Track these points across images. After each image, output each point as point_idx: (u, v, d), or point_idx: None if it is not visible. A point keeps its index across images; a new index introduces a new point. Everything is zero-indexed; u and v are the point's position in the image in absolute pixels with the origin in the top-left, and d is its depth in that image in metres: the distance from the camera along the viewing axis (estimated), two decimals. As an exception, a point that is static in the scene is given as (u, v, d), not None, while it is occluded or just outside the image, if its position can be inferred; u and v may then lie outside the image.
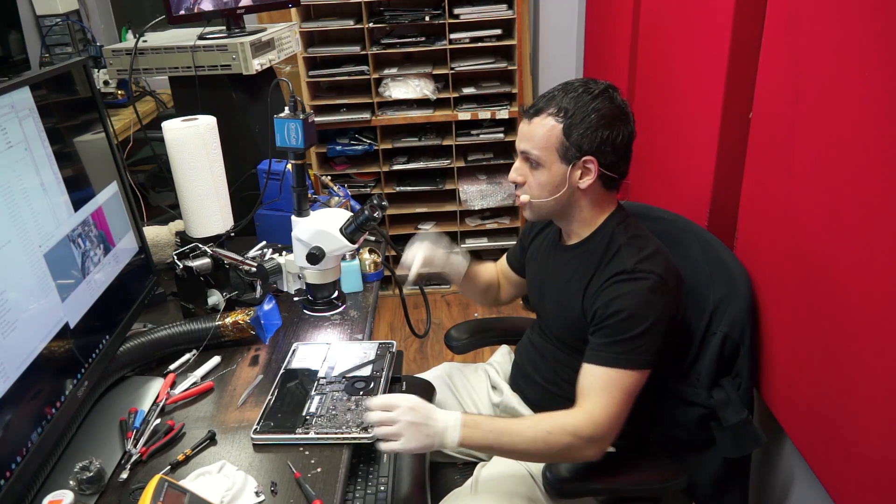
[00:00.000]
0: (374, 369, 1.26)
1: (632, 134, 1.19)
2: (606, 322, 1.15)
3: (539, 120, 1.18)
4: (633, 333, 1.13)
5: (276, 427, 1.12)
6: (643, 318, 1.13)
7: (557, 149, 1.17)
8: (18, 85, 1.02)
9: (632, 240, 1.20)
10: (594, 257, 1.22)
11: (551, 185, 1.20)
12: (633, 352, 1.13)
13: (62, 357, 1.05)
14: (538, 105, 1.20)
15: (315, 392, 1.20)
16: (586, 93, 1.17)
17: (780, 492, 1.35)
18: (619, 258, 1.18)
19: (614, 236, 1.22)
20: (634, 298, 1.14)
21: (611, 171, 1.19)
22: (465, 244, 3.23)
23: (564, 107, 1.17)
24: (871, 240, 0.93)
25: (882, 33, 0.89)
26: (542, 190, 1.21)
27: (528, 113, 1.21)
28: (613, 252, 1.20)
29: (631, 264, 1.16)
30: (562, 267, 1.29)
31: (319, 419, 1.14)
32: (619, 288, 1.15)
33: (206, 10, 1.83)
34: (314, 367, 1.27)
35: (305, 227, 1.27)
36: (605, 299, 1.16)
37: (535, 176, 1.21)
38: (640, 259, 1.17)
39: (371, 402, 1.11)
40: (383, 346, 1.33)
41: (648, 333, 1.13)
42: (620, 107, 1.18)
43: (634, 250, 1.18)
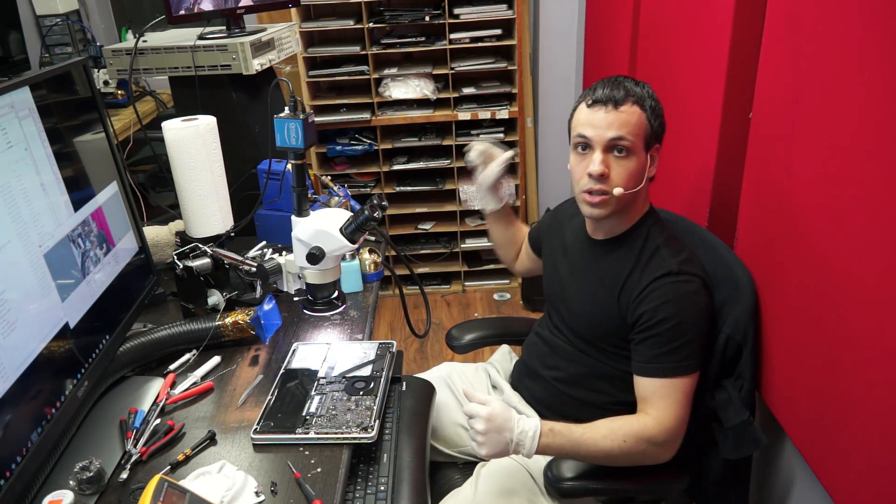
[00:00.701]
0: (374, 369, 1.26)
1: None
2: (656, 330, 1.16)
3: (626, 107, 1.16)
4: (684, 340, 1.14)
5: (276, 427, 1.12)
6: (692, 324, 1.14)
7: (645, 136, 1.18)
8: (18, 85, 1.02)
9: (669, 241, 1.21)
10: (630, 256, 1.22)
11: (639, 175, 1.19)
12: (687, 358, 1.15)
13: (62, 357, 1.05)
14: (613, 95, 1.16)
15: (315, 392, 1.20)
16: (645, 86, 1.19)
17: (780, 492, 1.35)
18: (660, 259, 1.19)
19: (650, 236, 1.22)
20: (681, 303, 1.15)
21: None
22: (464, 244, 3.23)
23: (639, 94, 1.18)
24: (872, 240, 0.93)
25: (882, 33, 0.89)
26: (631, 180, 1.17)
27: (612, 100, 1.16)
28: (651, 252, 1.20)
29: (676, 265, 1.16)
30: (592, 262, 1.28)
31: (319, 419, 1.14)
32: (665, 292, 1.15)
33: (206, 10, 1.83)
34: (314, 367, 1.27)
35: (305, 227, 1.27)
36: (652, 304, 1.16)
37: (624, 166, 1.17)
38: (682, 260, 1.18)
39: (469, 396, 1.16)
40: (383, 346, 1.33)
41: (696, 337, 1.15)
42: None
43: (674, 251, 1.19)
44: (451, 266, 3.27)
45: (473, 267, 3.28)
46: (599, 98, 1.17)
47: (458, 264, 3.27)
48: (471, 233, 3.23)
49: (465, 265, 3.27)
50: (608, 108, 1.16)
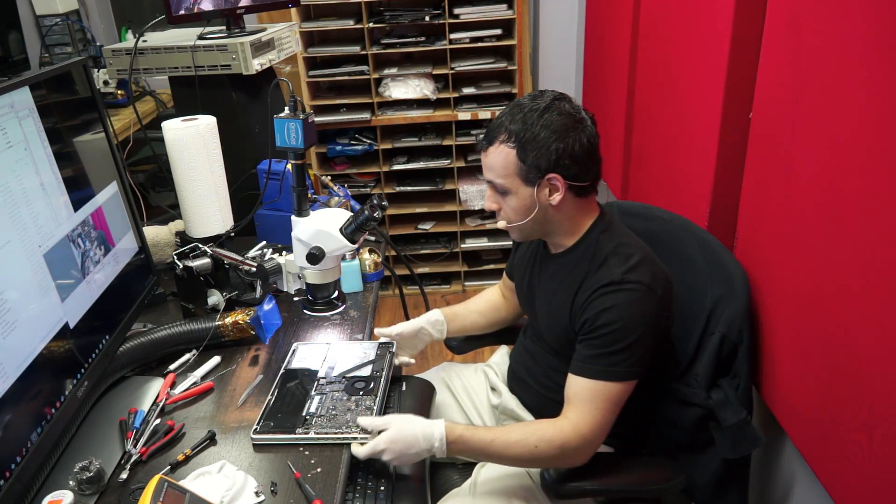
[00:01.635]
0: (374, 369, 1.26)
1: (591, 138, 1.16)
2: (594, 334, 1.15)
3: (493, 149, 1.17)
4: (620, 346, 1.13)
5: (276, 427, 1.12)
6: (630, 331, 1.13)
7: (518, 173, 1.16)
8: (18, 85, 1.02)
9: (618, 248, 1.19)
10: (581, 267, 1.22)
11: (524, 209, 1.19)
12: (619, 364, 1.13)
13: (62, 357, 1.05)
14: (490, 134, 1.18)
15: (315, 392, 1.21)
16: (532, 111, 1.15)
17: (780, 492, 1.35)
18: (607, 268, 1.17)
19: (600, 244, 1.21)
20: (622, 311, 1.13)
21: (578, 181, 1.17)
22: (464, 244, 3.23)
23: (513, 130, 1.15)
24: (871, 239, 0.93)
25: (882, 33, 0.89)
26: (516, 215, 1.21)
27: (482, 143, 1.20)
28: (600, 261, 1.19)
29: (619, 274, 1.15)
30: (549, 276, 1.29)
31: (319, 419, 1.14)
32: (607, 300, 1.15)
33: (206, 10, 1.83)
34: (314, 367, 1.27)
35: (305, 227, 1.27)
36: (594, 311, 1.15)
37: (507, 202, 1.20)
38: (627, 269, 1.15)
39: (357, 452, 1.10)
40: (383, 346, 1.34)
41: (635, 345, 1.13)
42: (571, 114, 1.15)
43: (622, 259, 1.17)
44: (451, 266, 3.27)
45: (473, 267, 3.28)
46: (480, 139, 1.22)
47: (458, 264, 3.27)
48: (471, 233, 3.23)
49: (465, 265, 3.27)
50: (483, 148, 1.20)
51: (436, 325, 1.46)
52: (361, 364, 1.28)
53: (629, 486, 1.22)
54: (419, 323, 1.44)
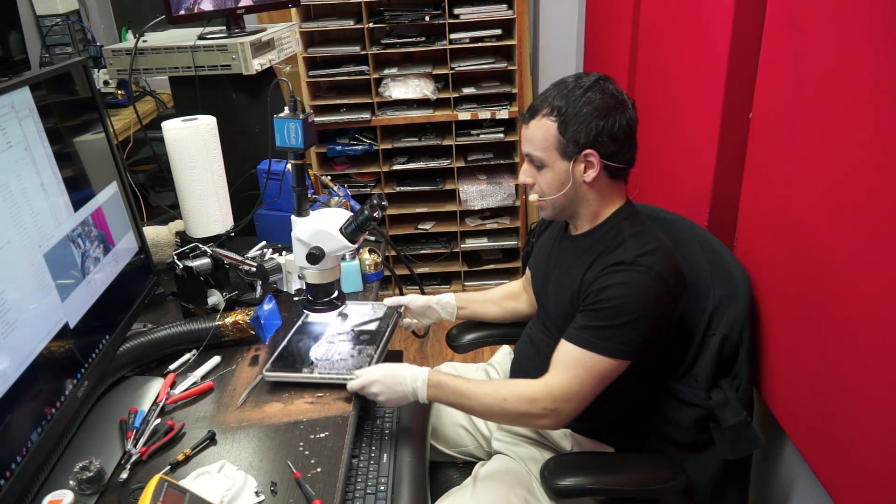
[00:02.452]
0: (380, 325, 1.39)
1: (631, 121, 1.19)
2: (593, 306, 1.16)
3: (535, 122, 1.20)
4: (616, 322, 1.13)
5: (286, 367, 1.26)
6: (629, 310, 1.13)
7: (557, 147, 1.18)
8: (18, 85, 1.02)
9: (637, 234, 1.21)
10: (598, 246, 1.23)
11: (558, 183, 1.21)
12: (612, 339, 1.14)
13: (62, 357, 1.05)
14: (533, 107, 1.22)
15: (323, 340, 1.34)
16: (577, 87, 1.18)
17: (780, 492, 1.35)
18: (622, 249, 1.19)
19: (621, 228, 1.22)
20: (626, 289, 1.14)
21: (614, 161, 1.19)
22: (464, 244, 3.23)
23: (557, 105, 1.18)
24: (871, 239, 0.93)
25: (882, 33, 0.89)
26: (549, 188, 1.23)
27: (525, 117, 1.23)
28: (618, 243, 1.20)
29: (631, 256, 1.16)
30: (566, 255, 1.30)
31: (325, 363, 1.27)
32: (614, 277, 1.16)
33: (206, 10, 1.83)
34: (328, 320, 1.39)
35: (305, 227, 1.27)
36: (599, 286, 1.17)
37: (542, 176, 1.23)
38: (641, 253, 1.17)
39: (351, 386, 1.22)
40: (392, 307, 1.46)
41: (632, 326, 1.13)
42: (614, 95, 1.18)
43: (638, 243, 1.19)
44: (451, 266, 3.27)
45: (473, 267, 3.28)
46: (526, 110, 1.24)
47: (458, 264, 3.27)
48: (471, 233, 3.23)
49: (465, 265, 3.27)
50: (525, 121, 1.23)
51: (446, 306, 1.51)
52: (370, 320, 1.41)
53: (629, 486, 1.22)
54: (429, 300, 1.50)
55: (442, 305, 1.50)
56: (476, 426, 1.48)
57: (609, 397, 1.28)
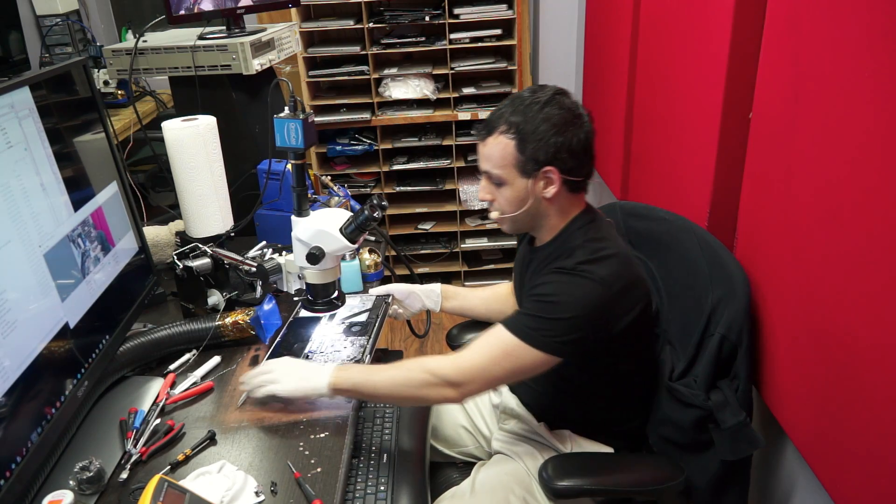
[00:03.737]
0: (370, 316, 1.43)
1: (588, 134, 1.18)
2: (530, 299, 1.16)
3: (492, 139, 1.18)
4: (548, 316, 1.12)
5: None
6: (565, 309, 1.12)
7: (515, 165, 1.17)
8: (18, 85, 1.02)
9: (588, 242, 1.19)
10: (552, 258, 1.23)
11: (517, 200, 1.20)
12: (539, 331, 1.12)
13: (62, 357, 1.05)
14: (490, 125, 1.19)
15: (317, 333, 1.38)
16: (534, 103, 1.16)
17: (780, 492, 1.35)
18: (566, 258, 1.18)
19: (574, 238, 1.22)
20: (561, 288, 1.14)
21: (573, 176, 1.18)
22: (464, 244, 3.23)
23: (514, 121, 1.16)
24: (871, 239, 0.93)
25: (882, 33, 0.89)
26: (509, 206, 1.22)
27: (481, 134, 1.20)
28: (567, 252, 1.20)
29: (572, 264, 1.16)
30: (530, 267, 1.30)
31: (320, 355, 1.31)
32: (552, 277, 1.16)
33: (206, 10, 1.83)
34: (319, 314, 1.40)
35: (305, 227, 1.27)
36: (539, 282, 1.17)
37: (501, 193, 1.21)
38: (584, 260, 1.15)
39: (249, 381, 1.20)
40: (380, 297, 1.50)
41: (565, 323, 1.12)
42: (571, 109, 1.16)
43: (587, 252, 1.17)
44: (451, 266, 3.27)
45: (473, 267, 3.28)
46: (478, 128, 1.22)
47: (458, 264, 3.27)
48: (471, 233, 3.23)
49: (465, 265, 3.27)
50: (480, 139, 1.21)
51: (430, 294, 1.51)
52: (360, 311, 1.44)
53: (627, 487, 1.22)
54: (413, 288, 1.51)
55: (426, 293, 1.50)
56: (476, 426, 1.48)
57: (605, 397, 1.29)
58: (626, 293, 1.17)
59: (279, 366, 1.19)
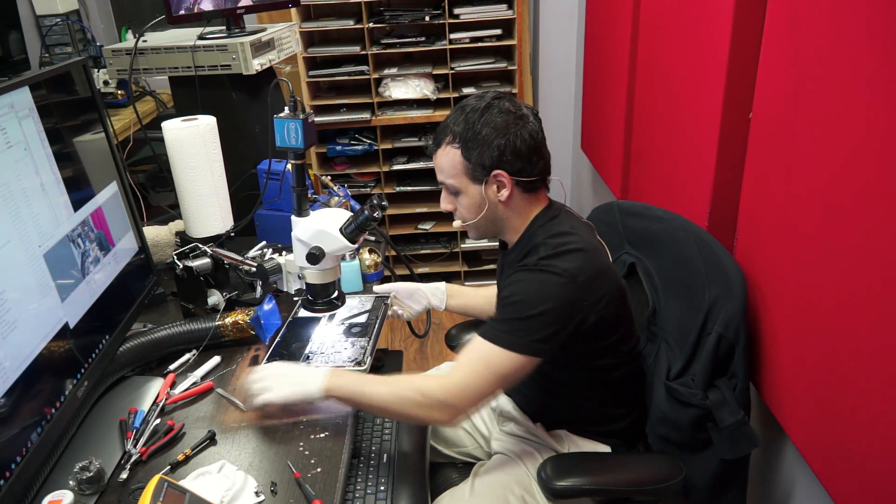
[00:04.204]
0: (370, 317, 1.43)
1: (534, 133, 1.18)
2: (500, 303, 1.18)
3: (441, 151, 1.21)
4: (519, 316, 1.13)
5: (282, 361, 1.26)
6: (533, 305, 1.12)
7: (465, 173, 1.20)
8: (18, 85, 1.02)
9: (549, 238, 1.19)
10: (517, 258, 1.23)
11: (475, 207, 1.23)
12: (513, 333, 1.12)
13: (62, 357, 1.05)
14: (437, 137, 1.22)
15: (316, 335, 1.37)
16: (474, 111, 1.18)
17: (780, 492, 1.35)
18: (530, 255, 1.19)
19: (535, 236, 1.22)
20: (526, 285, 1.15)
21: (524, 176, 1.19)
22: (464, 244, 3.23)
23: (456, 131, 1.19)
24: (871, 239, 0.93)
25: (882, 33, 0.89)
26: (469, 213, 1.24)
27: (431, 147, 1.24)
28: (528, 251, 1.21)
29: (534, 261, 1.17)
30: (504, 273, 1.31)
31: (320, 356, 1.30)
32: (516, 276, 1.17)
33: (206, 10, 1.83)
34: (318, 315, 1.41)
35: (305, 227, 1.27)
36: (505, 285, 1.18)
37: (460, 202, 1.25)
38: (546, 255, 1.16)
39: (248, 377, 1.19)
40: (379, 298, 1.50)
41: (536, 320, 1.12)
42: (511, 111, 1.17)
43: (548, 248, 1.18)
44: (451, 266, 3.27)
45: (473, 267, 3.28)
46: (429, 143, 1.24)
47: (458, 264, 3.27)
48: (471, 233, 3.23)
49: (465, 265, 3.27)
50: (431, 151, 1.24)
51: (435, 292, 1.51)
52: (359, 312, 1.44)
53: (626, 486, 1.22)
54: (418, 285, 1.51)
55: (431, 291, 1.50)
56: (476, 427, 1.48)
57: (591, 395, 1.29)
58: (592, 284, 1.16)
59: (271, 372, 1.17)
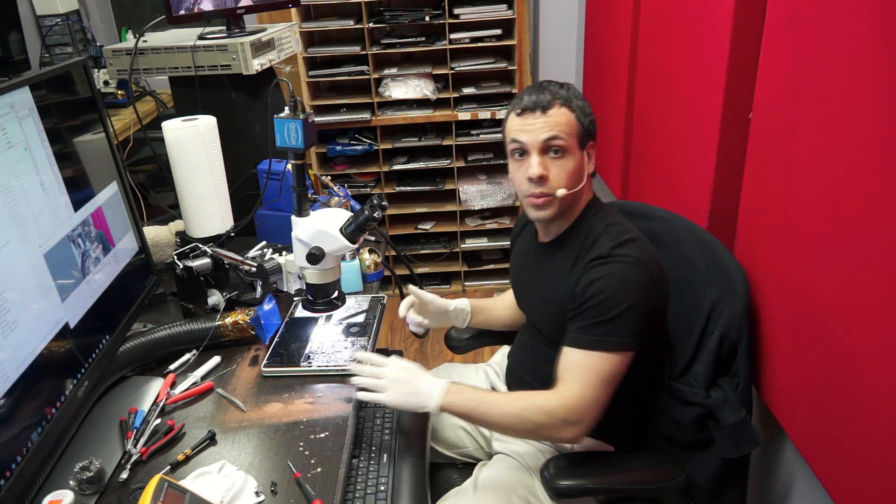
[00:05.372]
0: (367, 317, 1.44)
1: None
2: (584, 306, 1.16)
3: (555, 110, 1.18)
4: (610, 315, 1.13)
5: (283, 362, 1.29)
6: (620, 300, 1.13)
7: (577, 135, 1.19)
8: (18, 85, 1.02)
9: (609, 227, 1.21)
10: (573, 249, 1.23)
11: (577, 174, 1.20)
12: (610, 334, 1.13)
13: (62, 357, 1.05)
14: (542, 98, 1.18)
15: (315, 335, 1.38)
16: (563, 87, 1.21)
17: (780, 492, 1.35)
18: (597, 246, 1.19)
19: (592, 226, 1.23)
20: (609, 280, 1.14)
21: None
22: (464, 244, 3.23)
23: (565, 95, 1.19)
24: (871, 239, 0.93)
25: (882, 33, 0.89)
26: (570, 179, 1.19)
27: (539, 106, 1.17)
28: (592, 242, 1.21)
29: (606, 249, 1.17)
30: (542, 264, 1.30)
31: (321, 356, 1.31)
32: (595, 272, 1.16)
33: (206, 10, 1.83)
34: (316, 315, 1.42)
35: (305, 227, 1.27)
36: (582, 285, 1.17)
37: (561, 166, 1.18)
38: (616, 244, 1.17)
39: (361, 355, 1.21)
40: (375, 298, 1.51)
41: (626, 315, 1.13)
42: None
43: (612, 237, 1.19)
44: (451, 266, 3.27)
45: (473, 267, 3.28)
46: (528, 105, 1.19)
47: (458, 264, 3.27)
48: (471, 233, 3.23)
49: (465, 265, 3.27)
50: (537, 113, 1.19)
51: (461, 314, 1.48)
52: (356, 312, 1.46)
53: (629, 486, 1.22)
54: (449, 305, 1.46)
55: (458, 312, 1.47)
56: (476, 427, 1.48)
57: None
58: (659, 273, 1.19)
59: (390, 374, 1.16)
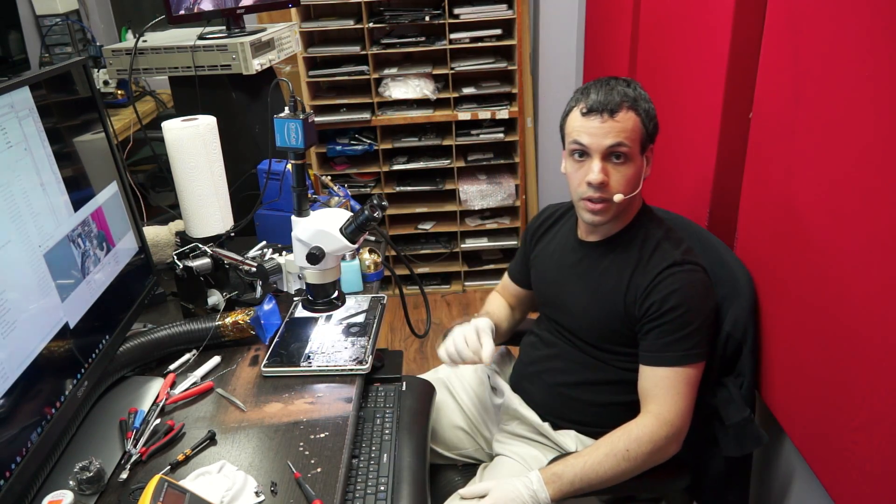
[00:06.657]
0: (367, 317, 1.44)
1: None
2: (664, 318, 1.16)
3: (622, 114, 1.16)
4: (691, 329, 1.15)
5: (283, 362, 1.29)
6: (698, 312, 1.16)
7: (641, 140, 1.19)
8: (18, 85, 1.02)
9: (668, 234, 1.23)
10: (631, 253, 1.22)
11: (637, 179, 1.19)
12: (694, 347, 1.16)
13: (62, 357, 1.05)
14: (610, 100, 1.16)
15: (315, 335, 1.37)
16: (630, 86, 1.18)
17: (780, 492, 1.35)
18: (662, 251, 1.20)
19: (650, 232, 1.23)
20: (688, 292, 1.16)
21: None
22: (464, 244, 3.23)
23: (633, 97, 1.17)
24: (871, 239, 0.93)
25: (882, 33, 0.89)
26: (629, 185, 1.18)
27: (607, 109, 1.15)
28: (653, 247, 1.21)
29: (679, 256, 1.18)
30: (589, 265, 1.28)
31: (321, 356, 1.30)
32: (672, 282, 1.16)
33: (206, 10, 1.83)
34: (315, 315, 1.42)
35: (305, 227, 1.27)
36: (660, 294, 1.16)
37: (622, 172, 1.17)
38: (684, 251, 1.19)
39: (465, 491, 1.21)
40: (375, 298, 1.51)
41: (704, 326, 1.16)
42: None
43: (674, 243, 1.21)
44: (451, 266, 3.27)
45: (473, 267, 3.28)
46: (594, 106, 1.16)
47: (458, 264, 3.27)
48: (471, 233, 3.23)
49: (465, 265, 3.27)
50: (604, 116, 1.16)
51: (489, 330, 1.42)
52: (356, 312, 1.45)
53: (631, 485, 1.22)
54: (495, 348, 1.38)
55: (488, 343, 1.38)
56: (476, 428, 1.47)
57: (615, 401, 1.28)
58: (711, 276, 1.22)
59: (496, 495, 1.15)
